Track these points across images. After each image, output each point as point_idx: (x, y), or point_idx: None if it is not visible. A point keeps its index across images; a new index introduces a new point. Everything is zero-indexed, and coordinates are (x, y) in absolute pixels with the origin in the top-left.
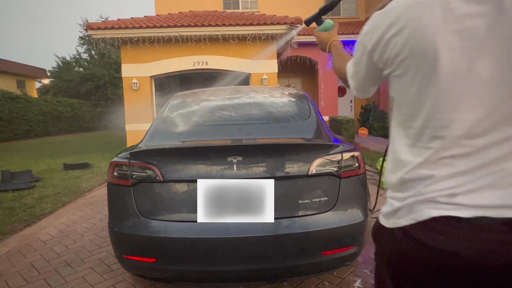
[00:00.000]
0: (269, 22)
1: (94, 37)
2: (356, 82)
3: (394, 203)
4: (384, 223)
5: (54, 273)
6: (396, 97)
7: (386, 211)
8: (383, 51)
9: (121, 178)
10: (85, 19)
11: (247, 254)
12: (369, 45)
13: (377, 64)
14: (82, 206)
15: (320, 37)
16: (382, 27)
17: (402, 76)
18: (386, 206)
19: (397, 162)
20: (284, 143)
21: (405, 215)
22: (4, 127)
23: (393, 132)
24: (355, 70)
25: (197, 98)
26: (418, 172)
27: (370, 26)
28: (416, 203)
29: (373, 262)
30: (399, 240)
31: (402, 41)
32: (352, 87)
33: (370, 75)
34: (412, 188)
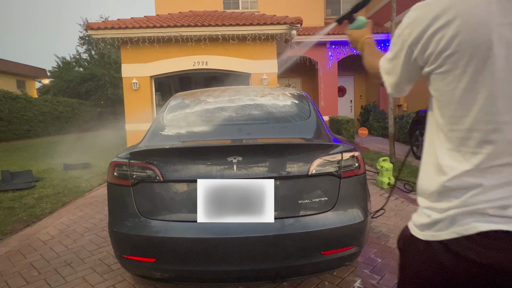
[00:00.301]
0: (269, 22)
1: (94, 37)
2: (392, 79)
3: (431, 214)
4: (418, 235)
5: (54, 273)
6: (438, 97)
7: (421, 222)
8: (425, 46)
9: (121, 178)
10: (85, 19)
11: (247, 254)
12: (409, 39)
13: (417, 60)
14: (82, 206)
15: (353, 35)
16: (425, 19)
17: (447, 73)
18: (421, 216)
19: (436, 168)
20: (284, 143)
21: (446, 228)
22: (4, 127)
23: (430, 135)
24: (391, 66)
25: (197, 98)
26: (463, 180)
27: (412, 18)
28: (460, 215)
29: (373, 262)
30: (438, 254)
31: (449, 35)
32: (387, 85)
33: (407, 72)
34: (455, 198)
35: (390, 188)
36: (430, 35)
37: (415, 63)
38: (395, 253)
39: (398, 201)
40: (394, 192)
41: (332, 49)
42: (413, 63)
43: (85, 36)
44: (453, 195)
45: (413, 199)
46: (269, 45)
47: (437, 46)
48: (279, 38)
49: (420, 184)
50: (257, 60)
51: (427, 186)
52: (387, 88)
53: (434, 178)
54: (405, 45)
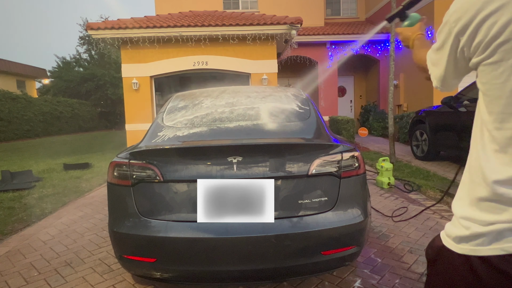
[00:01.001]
0: (269, 22)
1: (94, 37)
2: (438, 71)
3: (471, 226)
4: (453, 247)
5: (54, 273)
6: (486, 91)
7: (457, 234)
8: (474, 33)
9: (121, 178)
10: (85, 19)
11: (247, 254)
12: (457, 27)
13: (464, 50)
14: (82, 206)
15: (404, 33)
16: (476, 4)
17: (498, 64)
18: (457, 227)
19: (479, 172)
20: (284, 143)
21: (490, 243)
22: (4, 127)
23: (474, 135)
24: (438, 57)
25: (197, 98)
26: (510, 189)
27: (459, 4)
28: (507, 230)
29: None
30: (476, 270)
31: (503, 20)
32: (432, 77)
33: (454, 65)
34: (501, 210)
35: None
36: (480, 21)
37: (462, 54)
38: (395, 253)
39: (398, 201)
40: (394, 192)
41: (332, 49)
42: (460, 54)
43: (85, 36)
44: (498, 205)
45: (413, 199)
46: (269, 45)
47: (487, 33)
48: (279, 38)
49: (459, 189)
50: (257, 60)
51: (467, 193)
52: (433, 81)
53: (476, 184)
54: (451, 33)
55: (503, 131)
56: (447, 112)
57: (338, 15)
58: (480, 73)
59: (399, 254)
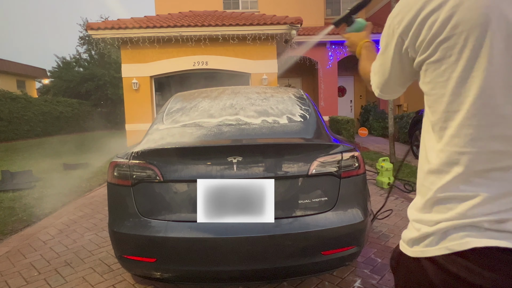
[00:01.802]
0: (269, 22)
1: (94, 37)
2: (380, 78)
3: (420, 227)
4: (407, 251)
5: (54, 273)
6: (430, 91)
7: (409, 237)
8: (417, 32)
9: (121, 178)
10: (85, 19)
11: (247, 254)
12: (400, 27)
13: (409, 50)
14: (82, 206)
15: (350, 39)
16: (417, 3)
17: (440, 62)
18: (410, 230)
19: (426, 173)
20: (284, 143)
21: (436, 243)
22: (4, 127)
23: (423, 136)
24: (380, 63)
25: (197, 98)
26: (455, 187)
27: (402, 5)
28: (452, 228)
29: (373, 262)
30: (427, 272)
31: (443, 17)
32: (374, 86)
33: (398, 67)
34: (446, 209)
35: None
36: (422, 20)
37: (406, 54)
38: None
39: (398, 201)
40: (394, 192)
41: (332, 49)
42: (405, 55)
43: (85, 36)
44: (443, 205)
45: (413, 199)
46: (269, 45)
47: (429, 31)
48: (279, 38)
49: (417, 194)
50: (257, 60)
51: (419, 197)
52: (375, 90)
53: (426, 185)
54: (395, 34)
55: (448, 130)
56: None
57: (338, 15)
58: (423, 73)
59: None
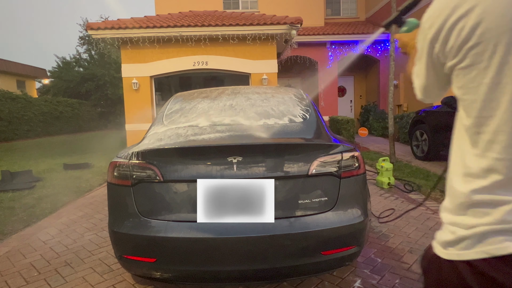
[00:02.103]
0: (269, 22)
1: (94, 37)
2: (420, 81)
3: (455, 230)
4: (441, 253)
5: (54, 273)
6: (462, 96)
7: (444, 239)
8: (446, 38)
9: (121, 178)
10: (85, 19)
11: (247, 254)
12: (430, 34)
13: (439, 56)
14: (82, 206)
15: (402, 39)
16: (446, 9)
17: (470, 68)
18: (445, 233)
19: (462, 177)
20: (284, 143)
21: (473, 247)
22: (4, 127)
23: (457, 140)
24: (418, 67)
25: (197, 98)
26: (493, 192)
27: (432, 10)
28: (490, 233)
29: (373, 262)
30: (462, 275)
31: (471, 23)
32: (416, 89)
33: (433, 74)
34: (483, 214)
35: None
36: (450, 26)
37: (438, 60)
38: (395, 253)
39: (398, 201)
40: (394, 192)
41: (332, 49)
42: (436, 61)
43: (85, 36)
44: (479, 209)
45: (413, 199)
46: (269, 45)
47: (458, 38)
48: (279, 38)
49: (446, 196)
50: (257, 60)
51: (451, 200)
52: (416, 93)
53: (460, 189)
54: (426, 41)
55: (482, 135)
56: (447, 112)
57: (338, 15)
58: (454, 78)
59: (399, 254)
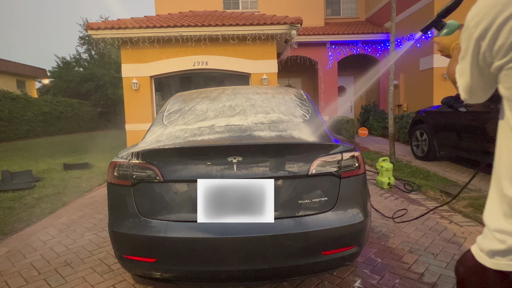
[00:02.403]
0: (269, 22)
1: (94, 37)
2: (464, 81)
3: (505, 239)
4: (486, 262)
5: (54, 273)
6: (510, 97)
7: (490, 248)
8: (495, 37)
9: (121, 178)
10: (85, 19)
11: (247, 254)
12: (477, 31)
13: (486, 55)
14: (82, 206)
15: (442, 42)
16: (495, 7)
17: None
18: (491, 241)
19: (509, 183)
20: (284, 143)
21: None
22: (4, 127)
23: (504, 141)
24: (462, 67)
25: (197, 98)
26: None
27: (479, 8)
28: None
29: (373, 262)
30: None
31: None
32: (460, 89)
33: (478, 72)
34: None
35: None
36: (500, 24)
37: (484, 60)
38: (395, 253)
39: (398, 201)
40: (394, 192)
41: (332, 49)
42: (482, 60)
43: (85, 36)
44: None
45: (413, 199)
46: (269, 45)
47: (509, 36)
48: (279, 38)
49: (489, 200)
50: (257, 60)
51: (499, 205)
52: (460, 93)
53: (508, 196)
54: (472, 38)
55: None
56: (447, 112)
57: (338, 15)
58: (503, 78)
59: (399, 254)
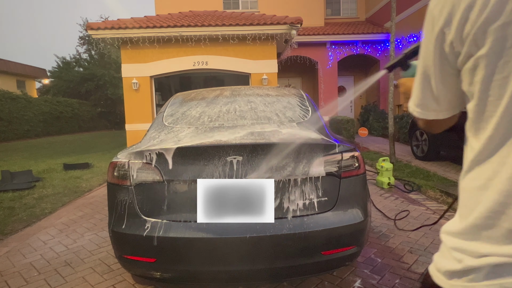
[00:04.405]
0: (269, 22)
1: (94, 37)
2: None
3: (462, 258)
4: (444, 284)
5: (54, 273)
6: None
7: (447, 268)
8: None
9: (121, 178)
10: (85, 19)
11: (247, 254)
12: (441, 18)
13: (454, 45)
14: (82, 206)
15: (406, 84)
16: None
17: (498, 54)
18: (447, 259)
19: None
20: (284, 143)
21: (485, 278)
22: (4, 127)
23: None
24: (422, 70)
25: (197, 98)
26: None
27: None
28: (508, 265)
29: (373, 262)
30: None
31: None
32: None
33: (440, 72)
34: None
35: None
36: (470, 2)
37: (452, 52)
38: (395, 253)
39: (398, 201)
40: (394, 192)
41: (332, 49)
42: (451, 53)
43: (85, 36)
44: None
45: (413, 199)
46: (269, 45)
47: (480, 16)
48: (279, 38)
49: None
50: (257, 60)
51: (460, 218)
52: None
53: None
54: (435, 28)
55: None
56: None
57: (338, 15)
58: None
59: (399, 254)
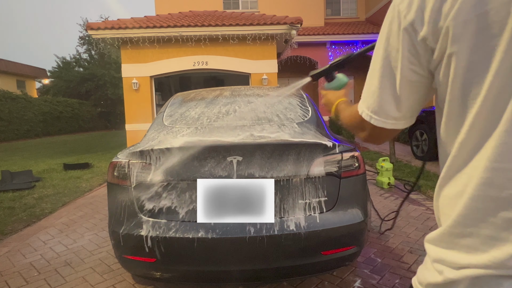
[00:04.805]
0: (269, 22)
1: (94, 37)
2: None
3: (442, 269)
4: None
5: (54, 273)
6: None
7: (428, 281)
8: (435, 14)
9: (121, 178)
10: (85, 19)
11: (247, 254)
12: (410, 13)
13: (427, 40)
14: (82, 206)
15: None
16: None
17: (473, 50)
18: (428, 271)
19: (450, 198)
20: (284, 143)
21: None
22: (4, 127)
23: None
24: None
25: (197, 98)
26: (491, 221)
27: None
28: (487, 277)
29: (373, 262)
30: None
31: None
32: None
33: (410, 70)
34: (475, 249)
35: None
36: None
37: (425, 49)
38: (395, 253)
39: (398, 201)
40: (394, 192)
41: (332, 49)
42: (422, 50)
43: (85, 36)
44: (473, 243)
45: (413, 199)
46: (269, 45)
47: (452, 8)
48: (279, 38)
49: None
50: (257, 60)
51: (440, 226)
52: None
53: (445, 211)
54: (400, 25)
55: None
56: None
57: (338, 15)
58: (443, 69)
59: (399, 254)
